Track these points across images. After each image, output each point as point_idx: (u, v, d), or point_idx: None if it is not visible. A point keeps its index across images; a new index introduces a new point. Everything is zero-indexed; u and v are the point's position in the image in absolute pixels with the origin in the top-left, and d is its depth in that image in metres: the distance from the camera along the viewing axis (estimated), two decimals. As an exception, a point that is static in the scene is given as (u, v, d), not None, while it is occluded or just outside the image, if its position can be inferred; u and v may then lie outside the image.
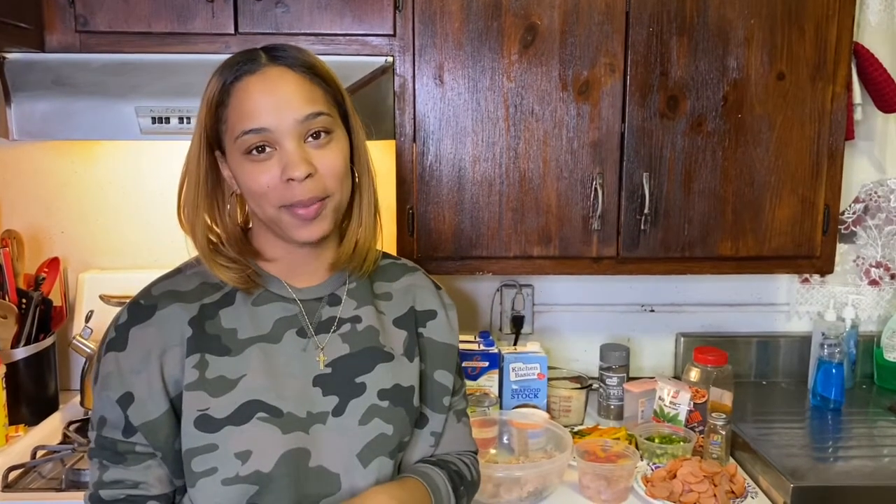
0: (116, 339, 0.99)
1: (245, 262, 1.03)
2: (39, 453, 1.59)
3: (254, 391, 0.99)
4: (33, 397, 1.77)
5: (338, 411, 1.02)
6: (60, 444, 1.67)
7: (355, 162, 1.05)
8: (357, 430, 1.03)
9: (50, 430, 1.73)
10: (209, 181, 1.01)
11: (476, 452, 1.21)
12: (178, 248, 1.06)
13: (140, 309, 1.00)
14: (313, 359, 1.04)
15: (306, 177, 0.95)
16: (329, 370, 1.04)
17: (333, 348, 1.05)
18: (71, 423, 1.75)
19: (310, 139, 0.97)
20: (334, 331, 1.06)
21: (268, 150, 0.96)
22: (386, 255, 1.18)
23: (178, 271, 1.06)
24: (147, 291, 1.03)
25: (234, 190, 1.03)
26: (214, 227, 1.02)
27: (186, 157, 1.02)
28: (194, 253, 1.04)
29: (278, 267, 1.06)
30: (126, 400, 0.97)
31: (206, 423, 0.97)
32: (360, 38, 1.60)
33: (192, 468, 0.97)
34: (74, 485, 1.48)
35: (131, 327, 0.99)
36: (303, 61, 0.99)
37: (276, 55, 0.99)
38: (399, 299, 1.14)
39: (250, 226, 1.08)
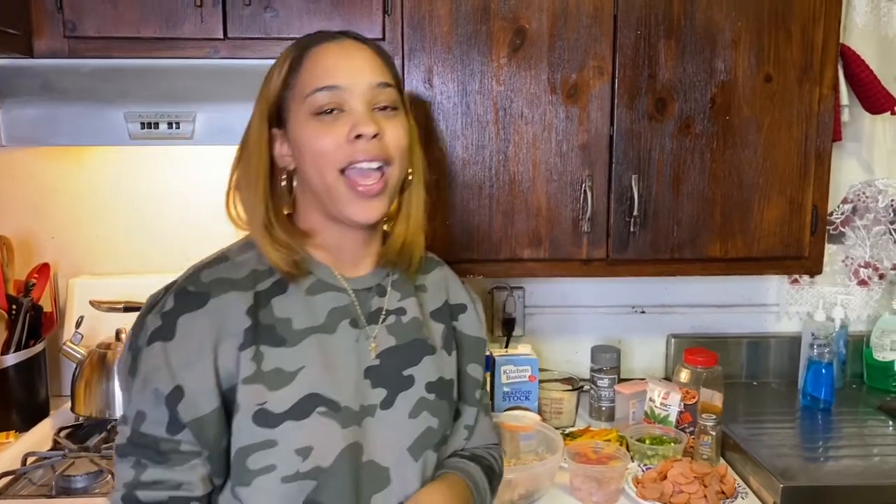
0: (163, 327, 0.92)
1: (294, 246, 0.99)
2: (30, 460, 1.59)
3: (313, 384, 0.95)
4: (23, 403, 1.76)
5: (386, 404, 1.00)
6: (51, 450, 1.66)
7: (411, 157, 1.04)
8: (407, 424, 1.01)
9: (40, 436, 1.72)
10: (268, 155, 1.00)
11: (498, 445, 1.22)
12: (170, 253, 1.06)
13: (190, 296, 0.94)
14: (366, 349, 1.02)
15: (374, 136, 0.95)
16: (378, 362, 1.02)
17: (382, 339, 1.03)
18: (61, 429, 1.74)
19: (377, 110, 0.98)
20: (382, 321, 1.04)
21: (335, 112, 0.96)
22: None
23: (222, 258, 1.00)
24: (195, 278, 0.96)
25: (287, 166, 1.01)
26: (270, 204, 1.00)
27: (244, 135, 1.01)
28: (235, 240, 1.03)
29: (326, 255, 1.03)
30: (176, 395, 0.90)
31: (265, 417, 0.92)
32: (349, 42, 1.61)
33: (248, 466, 0.92)
34: (65, 491, 1.47)
35: (180, 315, 0.92)
36: (378, 46, 1.02)
37: (352, 34, 1.02)
38: (434, 292, 1.13)
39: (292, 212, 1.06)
